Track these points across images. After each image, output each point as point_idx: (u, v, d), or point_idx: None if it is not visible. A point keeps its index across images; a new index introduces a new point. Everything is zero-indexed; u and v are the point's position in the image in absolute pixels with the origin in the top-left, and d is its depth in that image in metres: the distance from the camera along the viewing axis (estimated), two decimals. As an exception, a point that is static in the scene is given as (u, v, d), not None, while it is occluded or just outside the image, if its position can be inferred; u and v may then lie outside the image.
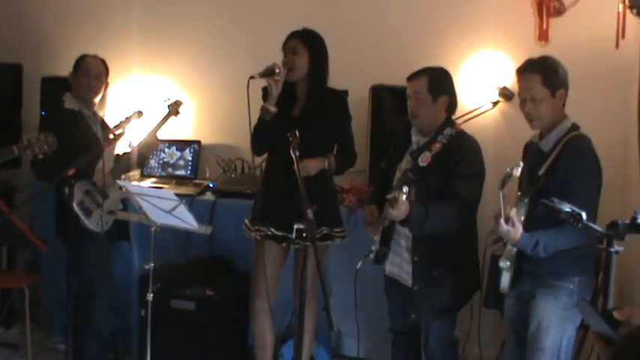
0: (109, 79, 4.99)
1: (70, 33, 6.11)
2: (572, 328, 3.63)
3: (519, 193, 3.65)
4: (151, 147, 4.97)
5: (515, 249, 3.60)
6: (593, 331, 1.71)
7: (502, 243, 3.65)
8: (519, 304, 3.81)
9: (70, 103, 4.78)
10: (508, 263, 3.64)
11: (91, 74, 4.80)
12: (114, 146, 4.90)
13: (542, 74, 3.62)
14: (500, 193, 3.42)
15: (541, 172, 3.61)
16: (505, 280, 3.72)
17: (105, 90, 4.95)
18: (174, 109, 4.80)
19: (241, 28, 5.85)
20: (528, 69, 3.68)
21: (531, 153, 3.83)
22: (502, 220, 3.43)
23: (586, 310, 1.74)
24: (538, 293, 3.66)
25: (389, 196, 3.64)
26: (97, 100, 4.89)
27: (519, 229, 3.45)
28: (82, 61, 4.85)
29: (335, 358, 5.24)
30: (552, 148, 3.64)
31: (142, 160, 5.21)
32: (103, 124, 4.96)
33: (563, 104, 3.70)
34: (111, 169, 4.63)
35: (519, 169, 3.41)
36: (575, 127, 3.67)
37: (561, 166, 3.55)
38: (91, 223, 4.54)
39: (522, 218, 3.54)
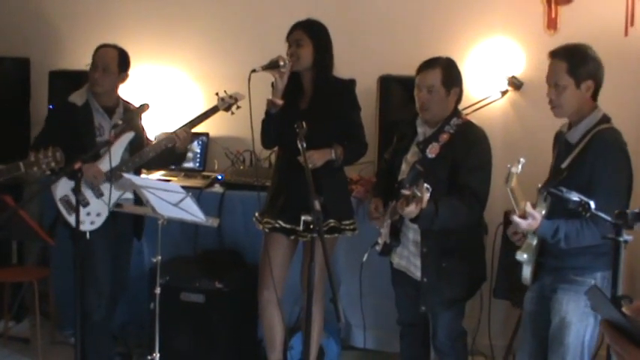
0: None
1: (78, 26, 6.11)
2: (595, 323, 3.53)
3: (540, 186, 3.56)
4: (178, 140, 4.54)
5: (535, 241, 3.54)
6: (603, 319, 1.67)
7: (521, 235, 3.60)
8: (539, 299, 3.76)
9: (75, 96, 4.64)
10: (525, 256, 3.56)
11: (97, 67, 4.60)
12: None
13: (568, 62, 3.54)
14: (508, 190, 3.38)
15: (564, 164, 3.55)
16: (527, 272, 3.67)
17: (117, 81, 4.69)
18: (224, 104, 4.56)
19: (252, 19, 5.84)
20: (557, 55, 3.61)
21: (560, 143, 3.76)
22: (515, 217, 3.38)
23: (596, 297, 1.68)
24: (559, 289, 3.60)
25: (406, 192, 3.54)
26: (105, 91, 4.64)
27: (538, 217, 3.39)
28: (94, 53, 4.66)
29: (344, 349, 5.24)
30: (579, 140, 3.56)
31: (178, 156, 4.73)
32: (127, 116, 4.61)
33: (592, 96, 3.59)
34: (117, 165, 4.47)
35: (520, 167, 3.36)
36: (605, 118, 3.58)
37: (587, 159, 3.48)
38: (74, 221, 4.26)
39: (544, 212, 3.47)
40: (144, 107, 4.32)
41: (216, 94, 4.61)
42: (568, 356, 3.59)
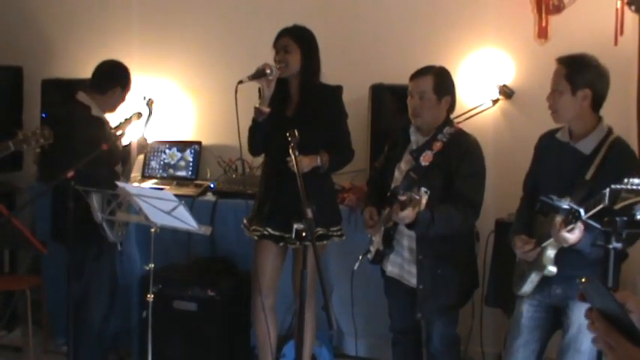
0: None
1: (70, 35, 6.12)
2: None
3: (569, 198, 3.43)
4: (141, 148, 4.85)
5: (554, 253, 3.52)
6: (596, 308, 1.65)
7: (534, 250, 3.61)
8: (543, 308, 3.76)
9: (96, 110, 4.66)
10: (555, 269, 3.54)
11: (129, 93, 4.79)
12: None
13: (568, 68, 3.60)
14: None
15: (588, 176, 3.51)
16: (531, 285, 3.66)
17: None
18: (150, 106, 4.76)
19: (242, 28, 5.84)
20: (561, 61, 3.67)
21: (557, 150, 3.75)
22: (565, 233, 3.31)
23: (594, 287, 1.64)
24: (575, 297, 3.59)
25: (402, 197, 3.59)
26: None
27: (581, 228, 3.32)
28: (129, 77, 4.80)
29: (337, 357, 5.24)
30: (595, 150, 3.58)
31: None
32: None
33: (590, 106, 3.62)
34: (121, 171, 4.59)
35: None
36: (611, 130, 3.64)
37: (611, 169, 3.44)
38: (114, 235, 4.52)
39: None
40: (135, 116, 4.38)
41: (143, 98, 4.78)
42: None
